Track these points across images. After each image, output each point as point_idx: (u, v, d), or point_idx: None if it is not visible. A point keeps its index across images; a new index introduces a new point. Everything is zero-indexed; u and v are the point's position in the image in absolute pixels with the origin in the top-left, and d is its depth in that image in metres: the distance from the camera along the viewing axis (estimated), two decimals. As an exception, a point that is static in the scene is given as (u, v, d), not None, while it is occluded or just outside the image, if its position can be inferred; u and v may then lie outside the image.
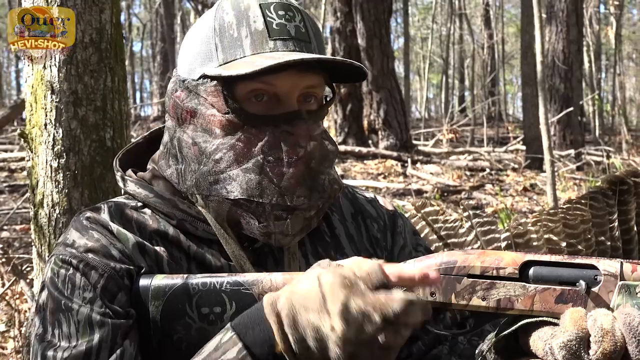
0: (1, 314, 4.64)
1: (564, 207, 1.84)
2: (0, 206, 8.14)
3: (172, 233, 1.34)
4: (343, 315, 1.05)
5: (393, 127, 11.48)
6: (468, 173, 10.41)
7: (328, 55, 1.31)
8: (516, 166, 11.37)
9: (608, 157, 10.46)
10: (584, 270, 1.13)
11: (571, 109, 12.42)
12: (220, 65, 1.29)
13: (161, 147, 1.41)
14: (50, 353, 1.22)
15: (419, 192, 8.43)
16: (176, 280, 1.25)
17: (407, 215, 1.76)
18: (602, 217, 1.82)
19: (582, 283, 1.11)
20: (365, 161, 10.90)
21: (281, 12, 1.31)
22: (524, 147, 12.76)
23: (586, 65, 18.46)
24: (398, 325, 1.06)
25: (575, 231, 1.84)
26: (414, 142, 13.31)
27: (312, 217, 1.34)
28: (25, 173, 10.26)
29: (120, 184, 1.41)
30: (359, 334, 1.05)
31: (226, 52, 1.29)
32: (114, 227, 1.32)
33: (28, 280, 4.31)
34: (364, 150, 11.23)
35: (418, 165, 10.91)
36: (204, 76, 1.31)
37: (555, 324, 1.11)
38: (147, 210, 1.37)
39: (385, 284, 1.09)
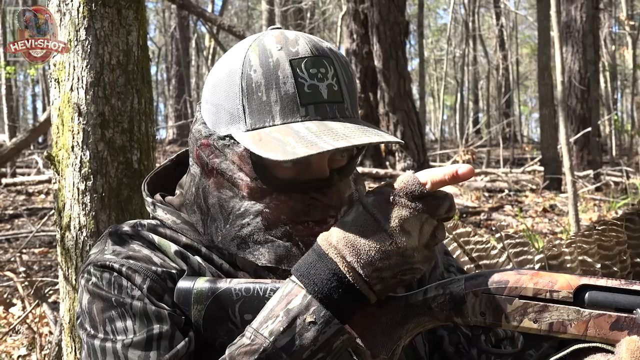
0: (22, 337, 4.62)
1: (600, 228, 1.81)
2: (19, 229, 8.16)
3: (205, 251, 1.32)
4: (403, 227, 1.09)
5: (410, 149, 11.44)
6: (487, 194, 10.36)
7: (362, 136, 1.20)
8: (534, 187, 11.31)
9: (628, 177, 10.38)
10: None
11: (589, 129, 12.38)
12: (247, 131, 1.23)
13: (188, 183, 1.37)
14: (108, 345, 1.20)
15: (438, 214, 8.37)
16: (219, 284, 1.23)
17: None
18: (638, 239, 1.79)
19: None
20: (382, 183, 10.84)
21: (313, 71, 1.22)
22: (541, 168, 12.70)
23: (602, 85, 18.42)
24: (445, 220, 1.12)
25: (610, 253, 1.81)
26: (431, 163, 13.27)
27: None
28: (43, 196, 10.32)
29: (149, 209, 1.39)
30: (421, 239, 1.10)
31: (254, 116, 1.23)
32: (155, 237, 1.31)
33: (49, 303, 4.31)
34: (382, 171, 11.19)
35: (436, 186, 10.84)
36: (231, 137, 1.26)
37: (609, 352, 1.08)
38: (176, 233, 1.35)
39: (423, 191, 1.12)
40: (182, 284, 1.25)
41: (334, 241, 1.10)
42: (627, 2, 18.27)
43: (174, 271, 1.26)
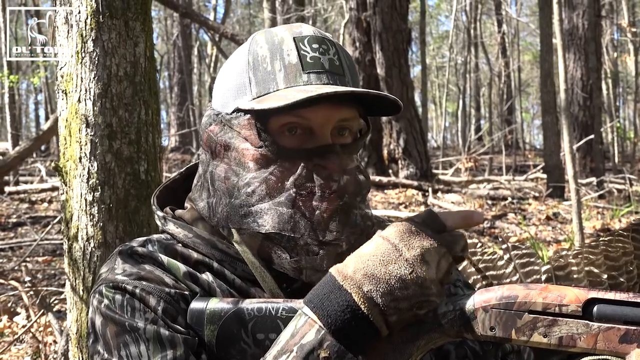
0: (26, 346, 4.62)
1: (606, 239, 1.81)
2: (22, 237, 8.17)
3: (217, 267, 1.32)
4: (423, 258, 1.08)
5: (413, 157, 11.46)
6: (490, 202, 10.35)
7: (361, 89, 1.28)
8: (537, 195, 11.30)
9: (631, 184, 10.38)
10: None
11: (592, 136, 12.38)
12: (253, 99, 1.28)
13: (195, 180, 1.40)
14: None
15: (441, 222, 8.36)
16: (231, 304, 1.23)
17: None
18: (644, 249, 1.80)
19: None
20: (385, 191, 10.87)
21: (315, 45, 1.30)
22: (543, 176, 12.70)
23: (604, 92, 18.43)
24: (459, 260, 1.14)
25: (616, 263, 1.82)
26: (433, 171, 13.28)
27: (344, 253, 1.30)
28: (46, 204, 10.32)
29: (159, 222, 1.39)
30: (438, 273, 1.10)
31: (260, 85, 1.28)
32: (164, 258, 1.31)
33: (54, 313, 4.31)
34: (385, 179, 11.21)
35: (439, 194, 10.86)
36: (237, 110, 1.30)
37: None
38: (188, 249, 1.35)
39: (444, 226, 1.13)
40: (195, 304, 1.25)
41: (350, 272, 1.09)
42: (629, 9, 18.29)
43: (186, 292, 1.26)
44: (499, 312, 1.15)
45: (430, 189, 10.79)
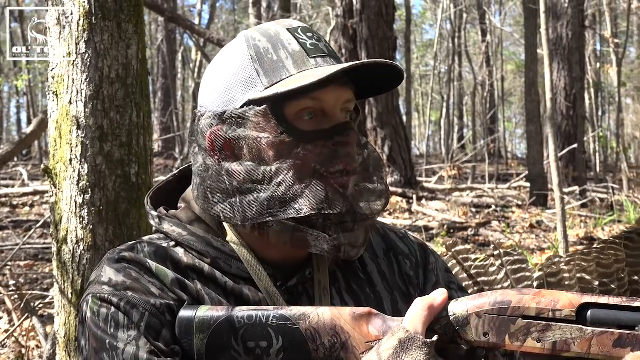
0: (8, 351, 4.58)
1: (599, 246, 1.83)
2: (4, 242, 8.10)
3: (208, 270, 1.31)
4: None
5: (398, 164, 11.48)
6: (474, 210, 10.40)
7: (371, 60, 1.32)
8: (520, 203, 11.36)
9: (613, 194, 10.46)
10: None
11: (575, 146, 12.46)
12: (266, 88, 1.28)
13: (194, 185, 1.38)
14: None
15: (426, 229, 8.40)
16: (221, 312, 1.22)
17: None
18: (636, 257, 1.81)
19: None
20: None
21: (309, 34, 1.34)
22: (527, 184, 12.76)
23: (587, 102, 18.58)
24: None
25: (608, 270, 1.83)
26: (417, 178, 13.31)
27: (369, 230, 1.35)
28: (27, 209, 10.24)
29: (154, 222, 1.39)
30: None
31: (270, 75, 1.29)
32: (152, 264, 1.30)
33: (39, 317, 4.27)
34: (369, 186, 11.20)
35: (423, 201, 10.90)
36: (249, 102, 1.30)
37: None
38: (180, 249, 1.34)
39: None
40: (184, 313, 1.24)
41: None
42: (612, 20, 18.45)
43: (172, 302, 1.26)
44: (492, 318, 1.15)
45: (414, 197, 10.81)
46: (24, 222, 9.07)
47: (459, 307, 1.17)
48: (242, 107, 1.30)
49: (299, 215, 1.26)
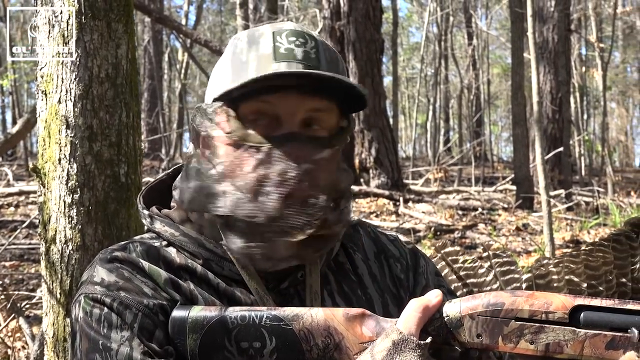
0: (-6, 352, 4.54)
1: (587, 249, 1.84)
2: (-11, 242, 8.03)
3: (200, 271, 1.31)
4: None
5: (384, 166, 11.50)
6: (460, 212, 10.42)
7: (321, 72, 1.28)
8: (506, 206, 11.40)
9: (599, 197, 10.51)
10: (636, 317, 1.11)
11: (561, 149, 12.51)
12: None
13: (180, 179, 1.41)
14: None
15: (413, 231, 8.41)
16: (214, 312, 1.22)
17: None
18: (624, 259, 1.82)
19: (635, 331, 1.10)
20: (357, 200, 10.89)
21: (292, 38, 1.31)
22: (512, 187, 12.81)
23: (572, 106, 18.68)
24: None
25: (596, 272, 1.84)
26: (404, 181, 13.34)
27: (301, 242, 1.29)
28: (12, 209, 10.17)
29: (146, 221, 1.39)
30: None
31: (235, 75, 1.30)
32: (145, 264, 1.30)
33: (25, 317, 4.24)
34: (356, 188, 11.22)
35: (410, 204, 10.91)
36: (213, 100, 1.34)
37: None
38: (172, 249, 1.34)
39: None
40: (177, 313, 1.23)
41: None
42: (597, 24, 18.55)
43: (165, 303, 1.25)
44: (485, 320, 1.16)
45: (401, 199, 10.83)
46: (9, 222, 9.00)
47: (452, 309, 1.18)
48: (211, 103, 1.35)
49: (218, 213, 1.28)
